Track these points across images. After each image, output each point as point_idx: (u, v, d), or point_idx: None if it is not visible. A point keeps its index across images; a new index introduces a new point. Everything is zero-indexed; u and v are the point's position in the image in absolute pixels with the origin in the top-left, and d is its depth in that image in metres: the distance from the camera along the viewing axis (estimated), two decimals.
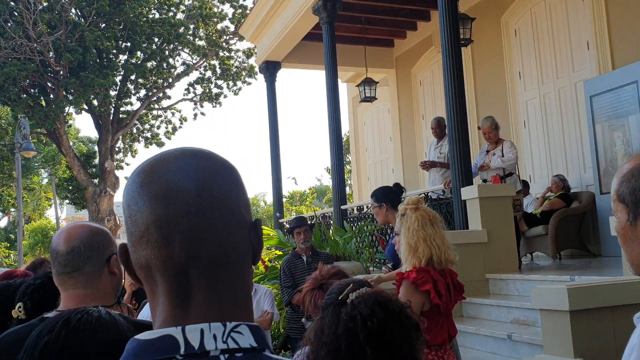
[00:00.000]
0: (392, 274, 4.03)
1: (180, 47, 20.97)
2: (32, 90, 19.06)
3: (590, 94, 7.32)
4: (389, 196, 4.24)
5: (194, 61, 21.50)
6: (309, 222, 5.53)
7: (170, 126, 22.42)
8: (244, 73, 21.94)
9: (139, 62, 20.26)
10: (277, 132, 11.51)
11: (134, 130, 21.92)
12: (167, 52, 20.67)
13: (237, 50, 22.04)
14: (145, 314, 2.90)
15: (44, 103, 18.80)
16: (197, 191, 0.77)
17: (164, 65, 20.64)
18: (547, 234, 7.24)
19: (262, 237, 0.85)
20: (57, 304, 1.70)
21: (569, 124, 8.22)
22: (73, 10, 18.79)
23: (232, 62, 21.79)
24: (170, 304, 0.76)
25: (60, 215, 33.28)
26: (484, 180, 6.74)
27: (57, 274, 1.62)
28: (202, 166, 0.79)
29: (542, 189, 8.34)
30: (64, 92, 18.55)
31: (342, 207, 8.79)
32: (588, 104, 7.36)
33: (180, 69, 21.44)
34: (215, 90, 21.94)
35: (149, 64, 20.38)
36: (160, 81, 20.98)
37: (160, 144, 22.21)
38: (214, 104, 22.10)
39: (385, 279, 3.98)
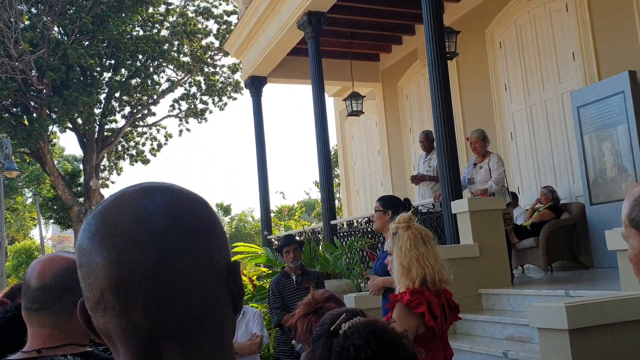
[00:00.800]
0: (389, 278, 3.93)
1: (164, 64, 20.88)
2: (14, 109, 18.82)
3: (577, 105, 7.31)
4: (396, 206, 4.16)
5: (179, 77, 21.41)
6: (299, 240, 5.42)
7: (155, 143, 22.26)
8: (229, 88, 21.89)
9: (123, 79, 20.13)
10: (263, 146, 11.41)
11: (119, 148, 21.72)
12: (151, 69, 20.57)
13: (222, 66, 22.04)
14: None
15: (26, 122, 18.57)
16: (158, 246, 0.65)
17: (149, 82, 20.52)
18: (537, 246, 7.18)
19: (241, 282, 0.73)
20: (25, 340, 1.59)
21: (556, 135, 8.21)
22: (55, 29, 18.65)
23: (217, 77, 21.74)
24: None
25: (46, 235, 32.83)
26: (473, 194, 6.68)
27: (25, 308, 1.50)
28: (165, 209, 0.67)
29: (530, 200, 8.29)
30: (47, 111, 18.34)
31: (332, 222, 8.69)
32: (575, 115, 7.35)
33: (164, 85, 21.35)
34: (200, 106, 21.85)
35: (133, 81, 20.26)
36: (144, 98, 20.85)
37: (145, 161, 22.02)
38: (199, 119, 22.00)
39: (381, 281, 3.87)
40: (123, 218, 0.66)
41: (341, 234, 8.53)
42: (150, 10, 20.73)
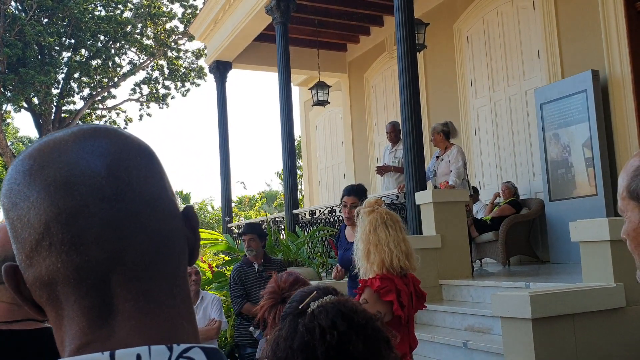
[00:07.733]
0: None
1: (127, 46, 20.37)
2: None
3: (540, 102, 7.41)
4: (365, 194, 4.12)
5: (141, 60, 20.92)
6: (263, 230, 5.29)
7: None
8: (192, 74, 21.52)
9: (84, 59, 19.55)
10: (226, 134, 11.23)
11: None
12: (113, 51, 20.03)
13: (186, 51, 21.61)
14: None
15: None
16: (110, 170, 0.57)
17: (110, 63, 20.00)
18: (497, 240, 7.27)
19: (198, 229, 0.65)
20: None
21: (519, 131, 8.31)
22: (13, 3, 17.95)
23: (180, 62, 21.34)
24: (88, 324, 0.55)
25: None
26: (435, 187, 6.70)
27: None
28: (111, 143, 0.59)
29: (491, 195, 8.39)
30: (2, 89, 17.67)
31: (294, 211, 8.62)
32: (538, 112, 7.44)
33: (126, 68, 20.83)
34: (162, 91, 21.42)
35: (93, 62, 19.70)
36: (105, 80, 20.32)
37: None
38: (160, 104, 21.57)
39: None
40: (65, 151, 0.58)
41: (303, 224, 8.47)
42: None
